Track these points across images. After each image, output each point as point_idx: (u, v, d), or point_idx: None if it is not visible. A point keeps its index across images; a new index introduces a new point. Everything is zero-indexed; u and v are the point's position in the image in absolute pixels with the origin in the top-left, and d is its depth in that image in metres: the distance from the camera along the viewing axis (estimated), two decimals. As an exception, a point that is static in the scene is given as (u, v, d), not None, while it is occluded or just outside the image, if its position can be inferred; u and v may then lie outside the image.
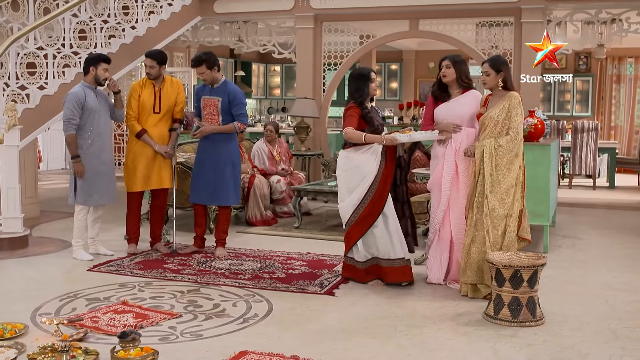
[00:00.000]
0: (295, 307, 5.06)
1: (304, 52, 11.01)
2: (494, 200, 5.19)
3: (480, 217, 5.24)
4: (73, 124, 6.29)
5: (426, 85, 16.58)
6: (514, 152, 5.22)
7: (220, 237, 6.72)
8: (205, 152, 6.66)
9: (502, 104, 5.24)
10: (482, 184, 5.25)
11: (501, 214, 5.20)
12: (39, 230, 7.87)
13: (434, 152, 5.82)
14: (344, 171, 5.68)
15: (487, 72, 5.27)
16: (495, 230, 5.20)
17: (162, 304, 5.05)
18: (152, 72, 6.62)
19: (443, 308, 5.08)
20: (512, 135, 5.21)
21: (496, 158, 5.22)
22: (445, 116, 5.65)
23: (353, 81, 5.76)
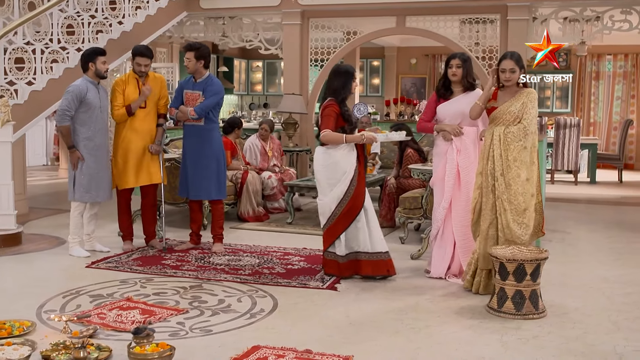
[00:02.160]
0: (300, 302, 5.09)
1: (290, 48, 11.00)
2: (503, 184, 5.21)
3: (494, 200, 5.26)
4: (67, 116, 6.26)
5: (408, 81, 16.69)
6: (523, 143, 5.20)
7: (217, 233, 6.72)
8: (187, 147, 6.67)
9: (521, 100, 5.27)
10: (492, 167, 5.27)
11: (520, 200, 5.20)
12: (30, 227, 7.80)
13: (437, 149, 5.88)
14: (324, 167, 5.65)
15: (513, 69, 5.28)
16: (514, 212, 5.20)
17: (167, 300, 5.05)
18: (147, 70, 6.60)
19: (446, 302, 5.14)
20: (524, 125, 5.23)
21: (506, 141, 5.23)
22: (448, 114, 5.71)
23: (339, 77, 5.71)
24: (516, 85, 5.36)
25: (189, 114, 6.45)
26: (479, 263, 5.39)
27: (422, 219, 7.04)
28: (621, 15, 9.95)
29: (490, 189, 5.31)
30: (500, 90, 5.43)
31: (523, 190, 5.21)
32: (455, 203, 5.75)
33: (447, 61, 5.85)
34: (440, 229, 5.85)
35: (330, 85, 5.75)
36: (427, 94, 16.33)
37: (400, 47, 16.48)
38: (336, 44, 11.07)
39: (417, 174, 6.76)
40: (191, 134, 6.60)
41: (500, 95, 5.42)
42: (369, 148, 10.12)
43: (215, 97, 6.51)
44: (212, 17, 11.68)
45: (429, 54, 16.32)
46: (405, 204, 7.10)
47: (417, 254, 6.49)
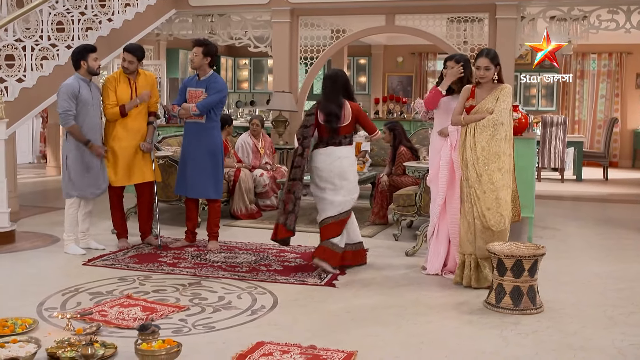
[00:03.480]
0: (299, 298, 5.12)
1: (280, 46, 11.02)
2: (475, 174, 5.31)
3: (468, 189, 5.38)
4: (70, 115, 6.23)
5: (394, 79, 16.76)
6: (491, 133, 5.27)
7: (212, 231, 6.72)
8: (186, 144, 6.67)
9: (496, 95, 5.36)
10: (466, 158, 5.37)
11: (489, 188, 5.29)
12: (22, 225, 7.76)
13: (433, 146, 5.94)
14: (353, 165, 6.06)
15: (488, 66, 5.37)
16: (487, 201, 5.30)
17: (167, 297, 5.06)
18: (131, 67, 6.56)
19: (444, 297, 5.20)
20: (493, 115, 5.31)
21: (475, 132, 5.33)
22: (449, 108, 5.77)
23: (348, 83, 6.09)
24: (492, 82, 5.44)
25: (191, 110, 6.45)
26: (460, 247, 5.48)
27: (416, 216, 7.09)
28: (608, 14, 10.07)
29: (465, 179, 5.43)
30: (477, 88, 5.51)
31: (492, 179, 5.29)
32: (450, 200, 5.81)
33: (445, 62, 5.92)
34: (436, 227, 5.91)
35: (349, 90, 6.03)
36: (413, 92, 16.42)
37: (387, 46, 16.54)
38: (325, 42, 11.12)
39: (412, 172, 6.81)
40: (192, 131, 6.60)
41: (478, 93, 5.50)
42: (359, 146, 10.18)
43: (219, 95, 6.52)
44: (200, 15, 11.67)
45: (416, 52, 16.41)
46: (399, 202, 7.15)
47: (411, 250, 6.54)
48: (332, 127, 5.85)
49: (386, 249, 6.85)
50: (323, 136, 5.93)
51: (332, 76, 6.04)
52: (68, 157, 6.36)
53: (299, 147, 5.91)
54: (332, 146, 5.90)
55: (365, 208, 9.20)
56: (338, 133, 5.89)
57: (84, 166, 6.37)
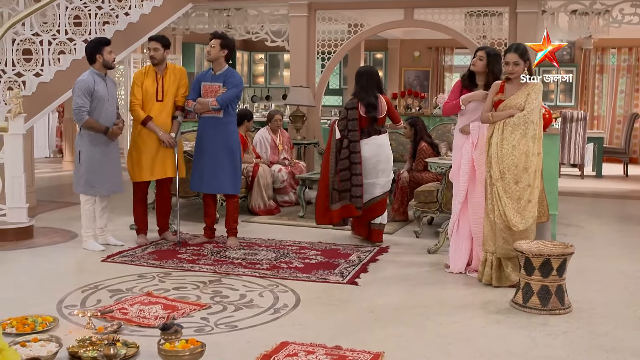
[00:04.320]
0: (322, 296, 5.04)
1: (297, 40, 10.91)
2: (498, 171, 5.20)
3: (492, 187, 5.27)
4: (84, 111, 6.16)
5: (411, 74, 16.62)
6: (522, 131, 5.16)
7: (231, 227, 6.65)
8: (203, 139, 6.59)
9: (526, 91, 5.24)
10: (490, 154, 5.27)
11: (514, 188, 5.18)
12: (39, 220, 7.71)
13: (455, 142, 5.85)
14: (390, 150, 6.88)
15: (517, 62, 5.26)
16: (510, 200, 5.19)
17: (187, 295, 4.99)
18: (157, 55, 6.51)
19: (468, 296, 5.10)
20: (524, 113, 5.20)
21: (505, 129, 5.22)
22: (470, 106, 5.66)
23: (380, 78, 6.94)
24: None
25: (210, 104, 6.37)
26: (482, 245, 5.38)
27: (438, 212, 6.99)
28: (631, 8, 9.90)
29: (488, 176, 5.32)
30: (507, 84, 5.40)
31: (518, 179, 5.18)
32: (471, 199, 5.70)
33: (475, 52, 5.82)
34: (456, 224, 5.82)
35: (379, 83, 6.82)
36: (430, 87, 16.28)
37: (403, 40, 16.40)
38: (343, 37, 11.00)
39: (435, 168, 6.70)
40: (208, 126, 6.53)
41: (507, 89, 5.39)
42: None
43: (237, 89, 6.45)
44: (217, 9, 11.58)
45: (432, 46, 16.25)
46: (421, 198, 7.05)
47: (434, 248, 6.43)
48: (374, 116, 6.61)
49: (408, 246, 6.75)
50: (363, 127, 6.65)
51: (367, 72, 6.81)
52: (82, 152, 6.30)
53: (345, 139, 6.60)
54: (375, 135, 6.69)
55: (384, 204, 9.11)
56: (377, 123, 6.67)
57: (99, 163, 6.30)
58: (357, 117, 6.57)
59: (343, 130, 6.62)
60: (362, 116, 6.58)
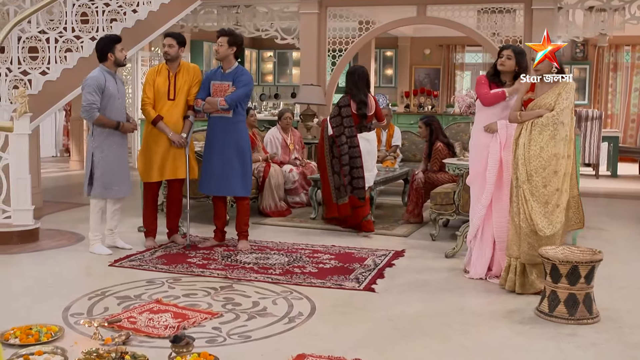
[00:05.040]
0: (338, 304, 4.83)
1: (307, 38, 10.70)
2: (525, 173, 4.99)
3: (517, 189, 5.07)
4: (94, 108, 6.00)
5: (422, 72, 16.39)
6: (551, 133, 4.95)
7: (242, 230, 6.46)
8: (212, 139, 6.41)
9: (557, 91, 5.03)
10: (517, 155, 5.06)
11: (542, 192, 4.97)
12: (46, 222, 7.54)
13: (476, 142, 5.58)
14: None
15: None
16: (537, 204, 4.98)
17: (198, 302, 4.79)
18: (171, 51, 6.34)
19: (491, 304, 4.89)
20: (553, 114, 4.99)
21: (533, 130, 5.01)
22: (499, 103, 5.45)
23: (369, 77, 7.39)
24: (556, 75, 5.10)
25: (219, 104, 6.19)
26: (507, 250, 5.17)
27: (454, 215, 6.78)
28: (649, 5, 9.68)
29: (514, 178, 5.11)
30: (539, 83, 5.17)
31: (546, 182, 4.97)
32: (496, 202, 5.47)
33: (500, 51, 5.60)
34: (480, 228, 5.58)
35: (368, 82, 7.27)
36: (440, 85, 16.05)
37: (414, 37, 16.16)
38: (354, 34, 10.79)
39: (453, 169, 6.48)
40: (217, 126, 6.34)
41: (538, 87, 5.18)
42: (390, 140, 9.89)
43: (247, 88, 6.26)
44: (226, 6, 11.41)
45: (443, 44, 16.01)
46: (437, 200, 6.84)
47: (451, 252, 6.23)
48: (364, 114, 7.02)
49: (424, 249, 6.55)
50: (356, 123, 7.03)
51: (358, 71, 7.17)
52: (95, 154, 6.12)
53: (342, 135, 7.00)
54: (365, 132, 7.12)
55: (397, 205, 8.92)
56: (367, 119, 7.09)
57: (114, 163, 6.12)
58: (351, 113, 7.04)
59: (337, 127, 7.05)
60: (353, 113, 7.04)
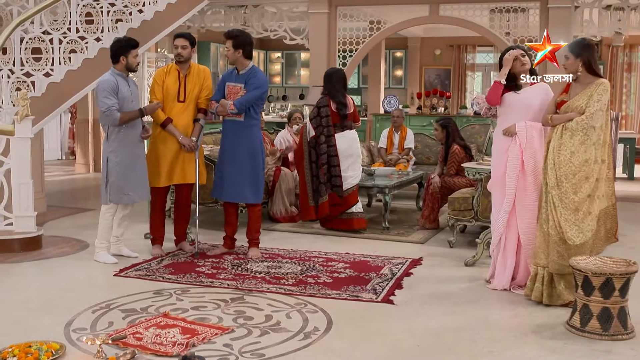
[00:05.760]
0: (355, 317, 4.57)
1: (317, 38, 10.47)
2: (554, 178, 4.73)
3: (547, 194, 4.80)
4: (114, 110, 5.77)
5: (432, 73, 16.13)
6: (581, 138, 4.68)
7: (253, 237, 6.21)
8: (225, 143, 6.18)
9: (589, 92, 4.76)
10: (546, 160, 4.80)
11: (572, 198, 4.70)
12: (49, 228, 7.30)
13: (497, 146, 5.33)
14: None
15: (567, 55, 4.79)
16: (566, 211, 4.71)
17: (208, 316, 4.53)
18: (185, 53, 6.11)
19: (517, 318, 4.62)
20: (582, 118, 4.72)
21: (563, 134, 4.74)
22: (516, 105, 5.20)
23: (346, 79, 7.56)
24: (591, 75, 4.82)
25: (228, 108, 5.95)
26: (533, 258, 4.90)
27: (473, 221, 6.51)
28: (671, 2, 9.39)
29: (544, 183, 4.84)
30: (574, 82, 4.89)
31: (576, 189, 4.69)
32: (521, 207, 5.19)
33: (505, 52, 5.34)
34: (502, 236, 5.30)
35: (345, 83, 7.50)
36: (451, 86, 15.78)
37: (424, 38, 15.90)
38: (365, 34, 10.54)
39: (473, 174, 6.21)
40: (230, 130, 6.11)
41: (572, 88, 4.90)
42: (403, 143, 9.63)
43: (257, 91, 6.00)
44: (233, 6, 11.19)
45: (454, 44, 15.76)
46: (455, 205, 6.57)
47: (471, 260, 5.96)
48: (343, 113, 7.20)
49: (442, 257, 6.28)
50: (336, 122, 7.22)
51: (335, 73, 7.43)
52: (110, 159, 5.87)
53: (322, 135, 7.15)
54: (347, 130, 7.30)
55: (411, 210, 8.67)
56: (347, 119, 7.26)
57: (130, 168, 5.87)
58: (330, 113, 7.16)
59: (317, 127, 7.18)
60: (333, 112, 7.19)
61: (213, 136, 8.30)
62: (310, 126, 7.25)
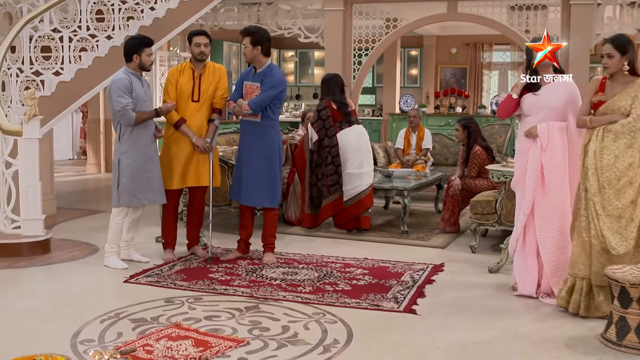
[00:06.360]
0: (377, 329, 4.33)
1: (332, 36, 10.22)
2: (596, 185, 4.47)
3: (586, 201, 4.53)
4: (129, 109, 5.57)
5: (448, 71, 15.85)
6: (627, 142, 4.41)
7: (268, 242, 5.99)
8: (242, 145, 5.97)
9: (632, 92, 4.47)
10: (587, 164, 4.53)
11: (615, 205, 4.44)
12: (58, 231, 7.11)
13: (518, 146, 5.14)
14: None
15: (610, 53, 4.51)
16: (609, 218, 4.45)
17: (221, 327, 4.31)
18: (207, 51, 5.94)
19: (548, 329, 4.36)
20: (629, 120, 4.45)
21: (605, 137, 4.48)
22: (534, 105, 4.96)
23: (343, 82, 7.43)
24: (629, 74, 4.55)
25: (244, 108, 5.73)
26: (570, 269, 4.63)
27: (496, 225, 6.26)
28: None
29: (583, 189, 4.56)
30: (609, 81, 4.62)
31: (620, 195, 4.43)
32: (540, 210, 4.97)
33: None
34: (520, 238, 5.09)
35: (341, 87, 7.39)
36: (467, 85, 15.49)
37: (440, 36, 15.61)
38: (381, 32, 10.29)
39: (498, 176, 5.96)
40: (246, 130, 5.90)
41: (609, 87, 4.61)
42: (420, 143, 9.39)
43: (273, 91, 5.77)
44: (247, 4, 10.96)
45: (470, 42, 15.45)
46: (477, 209, 6.31)
47: (495, 266, 5.72)
48: (346, 111, 7.15)
49: (464, 263, 6.04)
50: (341, 119, 7.14)
51: (332, 78, 7.35)
52: (121, 160, 5.67)
53: (325, 138, 7.03)
54: (355, 124, 7.22)
55: (429, 212, 8.42)
56: (351, 115, 7.22)
57: (142, 169, 5.67)
58: (331, 114, 7.07)
59: (320, 130, 7.06)
60: (336, 111, 7.11)
61: (227, 136, 8.09)
62: (312, 131, 7.12)
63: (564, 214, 4.92)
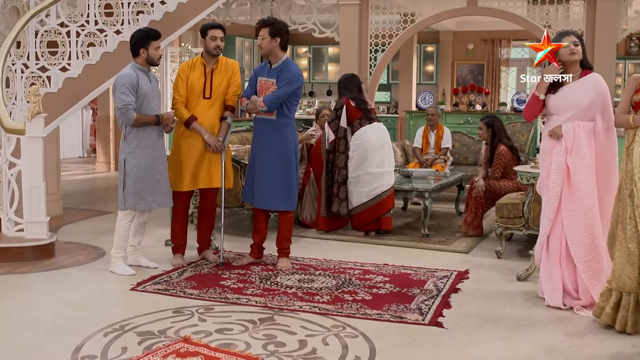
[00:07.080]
0: (402, 344, 4.02)
1: (348, 31, 9.90)
2: None
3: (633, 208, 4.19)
4: (131, 109, 5.29)
5: (464, 68, 15.50)
6: None
7: (283, 247, 5.69)
8: (256, 144, 5.68)
9: None
10: (631, 167, 4.20)
11: None
12: (64, 233, 6.85)
13: (542, 146, 4.86)
14: None
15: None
16: None
17: (234, 341, 4.00)
18: (222, 45, 5.63)
19: (587, 346, 4.03)
20: None
21: None
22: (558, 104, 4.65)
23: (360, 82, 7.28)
24: None
25: (258, 105, 5.43)
26: (613, 282, 4.28)
27: (523, 229, 5.93)
28: None
29: (628, 194, 4.22)
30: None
31: None
32: (568, 215, 4.65)
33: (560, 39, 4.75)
34: (544, 244, 4.78)
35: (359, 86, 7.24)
36: (484, 82, 15.13)
37: (456, 32, 15.27)
38: (398, 27, 9.97)
39: (527, 178, 5.62)
40: (261, 129, 5.60)
41: None
42: (439, 142, 9.06)
43: (289, 87, 5.46)
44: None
45: (487, 38, 15.10)
46: (503, 212, 5.98)
47: (524, 274, 5.39)
48: (366, 108, 6.95)
49: (490, 269, 5.72)
50: (361, 117, 6.93)
51: (349, 77, 7.20)
52: (127, 160, 5.38)
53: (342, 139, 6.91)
54: (375, 122, 6.98)
55: (450, 214, 8.11)
56: (371, 112, 7.02)
57: (148, 171, 5.38)
58: (350, 112, 6.93)
59: (336, 130, 6.94)
60: (355, 109, 6.93)
61: (239, 135, 7.80)
62: (329, 131, 6.99)
63: (595, 220, 4.61)
